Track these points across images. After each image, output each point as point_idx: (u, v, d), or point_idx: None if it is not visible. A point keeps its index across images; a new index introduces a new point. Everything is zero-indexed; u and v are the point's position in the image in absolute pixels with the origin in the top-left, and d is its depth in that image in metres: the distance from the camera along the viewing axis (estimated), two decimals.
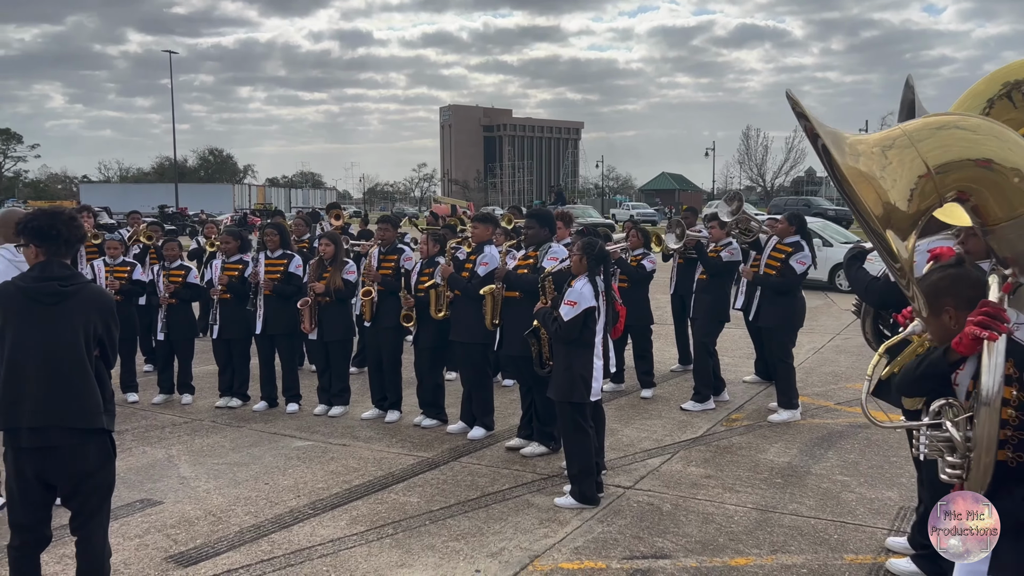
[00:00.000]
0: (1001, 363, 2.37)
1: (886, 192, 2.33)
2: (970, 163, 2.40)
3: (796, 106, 2.28)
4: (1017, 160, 2.40)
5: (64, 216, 3.51)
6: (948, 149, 2.40)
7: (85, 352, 3.39)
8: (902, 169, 2.35)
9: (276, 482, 5.61)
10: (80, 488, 3.43)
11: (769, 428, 6.81)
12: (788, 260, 7.11)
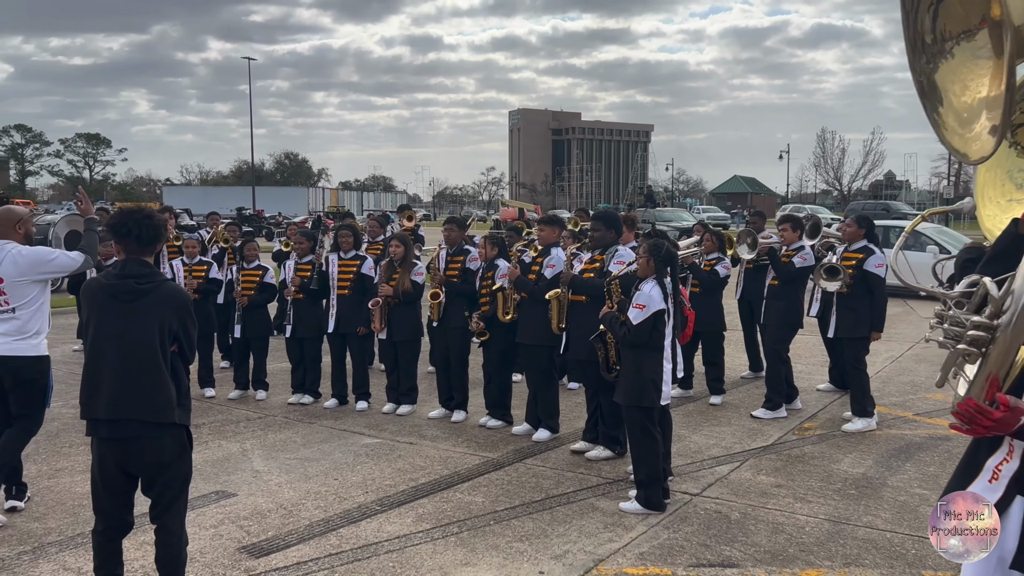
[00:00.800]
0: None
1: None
2: None
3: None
4: None
5: (139, 215, 3.63)
6: None
7: (160, 348, 3.51)
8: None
9: (345, 478, 5.71)
10: (158, 478, 3.56)
11: (843, 438, 6.61)
12: (862, 266, 6.85)
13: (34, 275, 4.82)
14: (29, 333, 4.82)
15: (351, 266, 7.67)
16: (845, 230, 7.24)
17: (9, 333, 4.77)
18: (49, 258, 4.86)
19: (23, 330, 4.80)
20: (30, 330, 4.82)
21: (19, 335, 4.79)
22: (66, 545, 4.56)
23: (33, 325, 4.83)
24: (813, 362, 9.43)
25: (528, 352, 6.65)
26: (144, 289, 3.53)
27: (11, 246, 4.83)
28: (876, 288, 6.84)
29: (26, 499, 5.17)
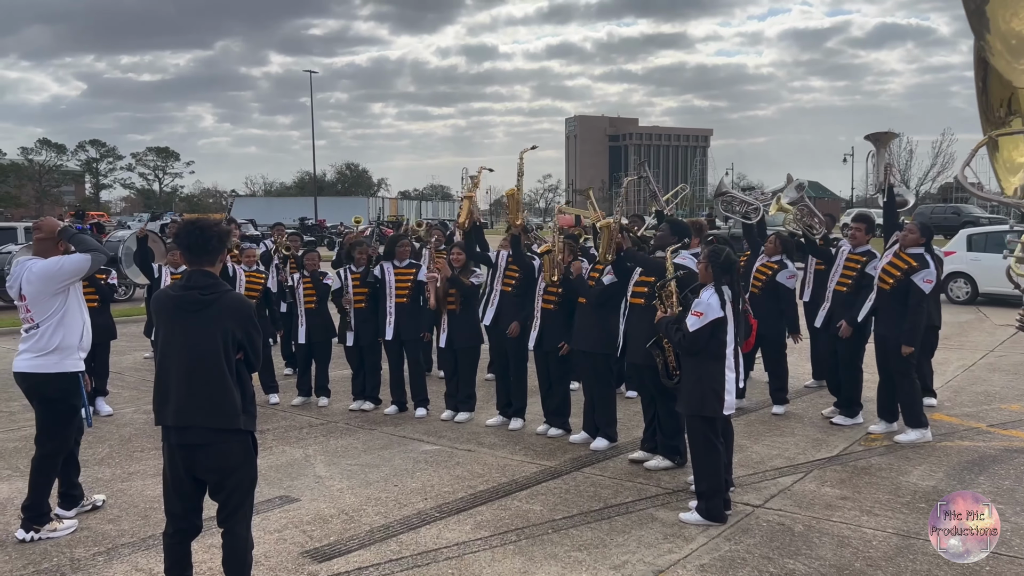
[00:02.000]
0: None
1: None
2: None
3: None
4: None
5: (191, 226, 3.74)
6: None
7: (224, 356, 3.61)
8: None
9: (404, 484, 5.78)
10: (224, 483, 3.66)
11: (912, 449, 6.41)
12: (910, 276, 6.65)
13: (50, 287, 4.78)
14: (49, 349, 4.77)
15: (408, 274, 7.77)
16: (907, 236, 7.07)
17: (32, 350, 4.79)
18: (56, 267, 4.78)
19: (45, 347, 4.77)
20: (51, 346, 4.77)
21: (41, 352, 4.78)
22: (138, 547, 4.72)
23: (54, 340, 4.78)
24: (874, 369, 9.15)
25: (585, 359, 6.63)
26: (208, 300, 3.63)
27: (30, 262, 4.85)
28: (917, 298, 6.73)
29: (81, 507, 5.17)
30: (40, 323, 4.79)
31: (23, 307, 4.86)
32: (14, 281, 4.87)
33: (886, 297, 6.71)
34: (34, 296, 4.79)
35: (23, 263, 4.89)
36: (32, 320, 4.82)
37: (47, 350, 4.78)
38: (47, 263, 4.83)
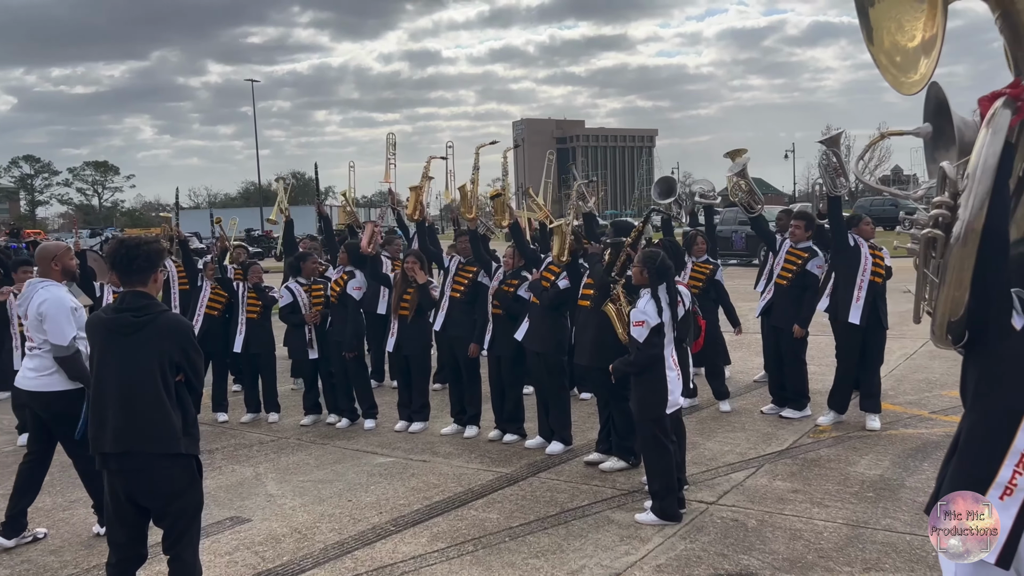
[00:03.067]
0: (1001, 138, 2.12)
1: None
2: None
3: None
4: None
5: (121, 246, 3.62)
6: None
7: (161, 379, 3.51)
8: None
9: (359, 499, 5.70)
10: (168, 509, 3.56)
11: (859, 440, 6.55)
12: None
13: (39, 327, 4.88)
14: (54, 369, 4.86)
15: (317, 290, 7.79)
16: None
17: (37, 368, 4.90)
18: (51, 319, 4.80)
19: (50, 365, 4.86)
20: (54, 366, 4.86)
21: (46, 371, 4.87)
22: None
23: (50, 362, 4.87)
24: (825, 363, 9.35)
25: (537, 359, 6.62)
26: (141, 322, 3.53)
27: (42, 289, 4.92)
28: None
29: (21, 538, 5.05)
30: (40, 345, 4.92)
31: (27, 326, 5.05)
32: (23, 300, 5.02)
33: (877, 288, 6.91)
34: (33, 325, 4.93)
35: (35, 285, 4.99)
36: (32, 340, 4.99)
37: (52, 369, 4.89)
38: (50, 312, 4.83)
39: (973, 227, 2.05)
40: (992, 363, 2.23)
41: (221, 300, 8.12)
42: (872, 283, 6.80)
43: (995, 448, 2.20)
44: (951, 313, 2.18)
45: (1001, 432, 2.20)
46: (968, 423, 2.30)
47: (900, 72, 2.26)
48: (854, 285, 6.78)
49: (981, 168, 2.04)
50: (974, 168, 2.06)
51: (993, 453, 2.21)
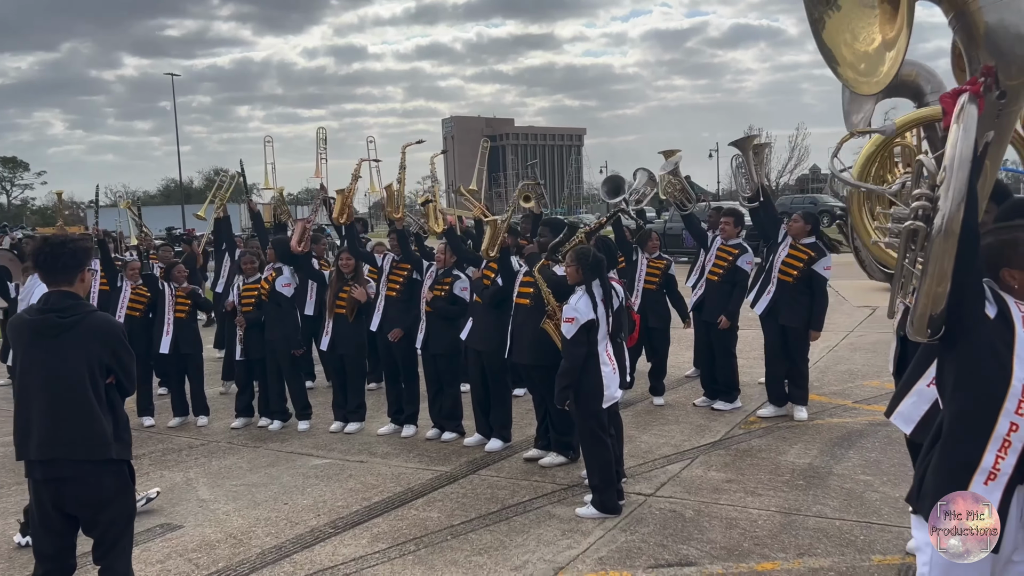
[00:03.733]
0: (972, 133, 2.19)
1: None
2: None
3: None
4: None
5: (48, 243, 3.47)
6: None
7: (90, 383, 3.37)
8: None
9: (295, 502, 5.59)
10: (98, 518, 3.43)
11: (788, 430, 6.75)
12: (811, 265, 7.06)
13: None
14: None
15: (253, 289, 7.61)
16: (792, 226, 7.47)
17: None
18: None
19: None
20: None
21: None
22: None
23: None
24: (752, 356, 9.61)
25: (478, 357, 6.61)
26: (68, 323, 3.38)
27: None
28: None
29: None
30: None
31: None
32: (25, 296, 5.18)
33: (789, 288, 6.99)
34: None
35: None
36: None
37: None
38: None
39: (954, 218, 2.12)
40: (970, 352, 2.32)
41: (143, 300, 7.85)
42: (781, 281, 6.99)
43: (978, 434, 2.29)
44: (933, 306, 2.23)
45: (983, 418, 2.29)
46: (949, 412, 2.37)
47: (866, 77, 2.33)
48: (769, 279, 7.02)
49: (958, 160, 2.11)
50: (950, 160, 2.12)
51: (976, 439, 2.29)
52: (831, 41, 2.34)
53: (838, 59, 2.33)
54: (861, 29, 2.35)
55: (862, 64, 2.33)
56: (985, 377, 2.31)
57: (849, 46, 2.34)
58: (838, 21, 2.43)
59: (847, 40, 2.35)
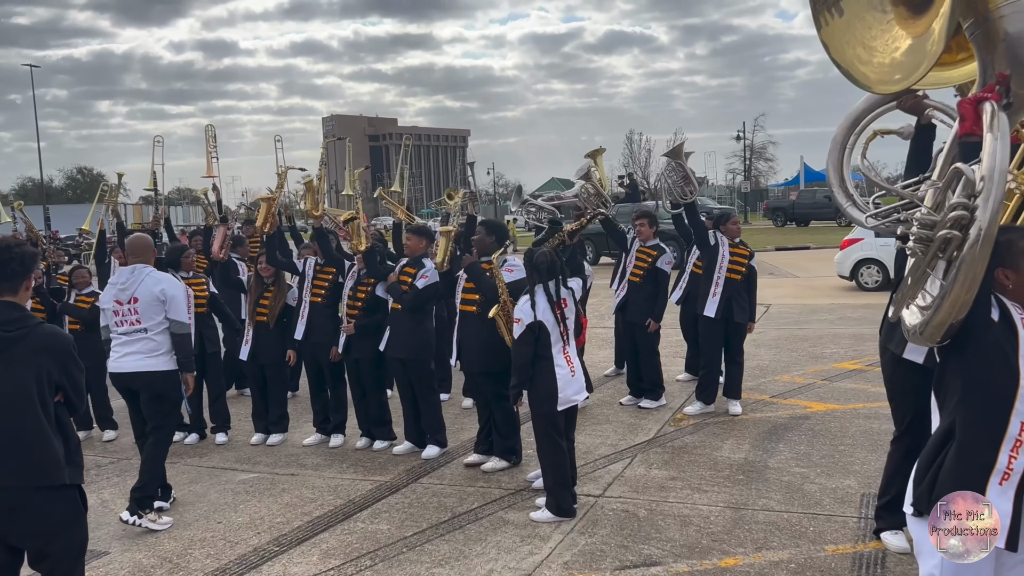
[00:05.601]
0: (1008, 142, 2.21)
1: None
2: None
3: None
4: None
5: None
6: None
7: (39, 401, 3.07)
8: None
9: (229, 520, 5.28)
10: (47, 550, 3.12)
11: (716, 425, 6.94)
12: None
13: (160, 309, 5.30)
14: (160, 352, 5.28)
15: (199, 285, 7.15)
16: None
17: (143, 352, 5.25)
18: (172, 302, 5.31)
19: (156, 349, 5.27)
20: (161, 349, 5.28)
21: (152, 353, 5.26)
22: None
23: (165, 345, 5.29)
24: (666, 353, 9.85)
25: (403, 366, 6.45)
26: (12, 337, 3.06)
27: (149, 269, 5.34)
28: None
29: (171, 500, 5.57)
30: (148, 328, 5.26)
31: (130, 310, 5.27)
32: (130, 284, 5.25)
33: (735, 285, 7.21)
34: (147, 302, 5.25)
35: (142, 270, 5.30)
36: (139, 323, 5.26)
37: (159, 352, 5.28)
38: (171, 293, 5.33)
39: (992, 226, 2.16)
40: (979, 355, 2.38)
41: (39, 312, 7.22)
42: (729, 280, 7.20)
43: (991, 435, 2.35)
44: (957, 313, 2.26)
45: (995, 420, 2.36)
46: (962, 415, 2.42)
47: (912, 77, 2.35)
48: (711, 281, 7.18)
49: (998, 170, 2.15)
50: (990, 171, 2.14)
51: (990, 441, 2.35)
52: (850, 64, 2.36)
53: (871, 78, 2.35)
54: (874, 38, 2.38)
55: (897, 75, 2.36)
56: (995, 379, 2.39)
57: (869, 64, 2.37)
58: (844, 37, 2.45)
59: (861, 58, 2.38)
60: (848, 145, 3.80)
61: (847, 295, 14.97)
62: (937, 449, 2.51)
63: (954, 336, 2.39)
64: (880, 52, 2.40)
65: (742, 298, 7.26)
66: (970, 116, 2.28)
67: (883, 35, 2.41)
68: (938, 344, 2.45)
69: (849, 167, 3.89)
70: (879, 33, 2.41)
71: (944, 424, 2.51)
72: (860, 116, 3.73)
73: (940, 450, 2.48)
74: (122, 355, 5.28)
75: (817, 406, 7.41)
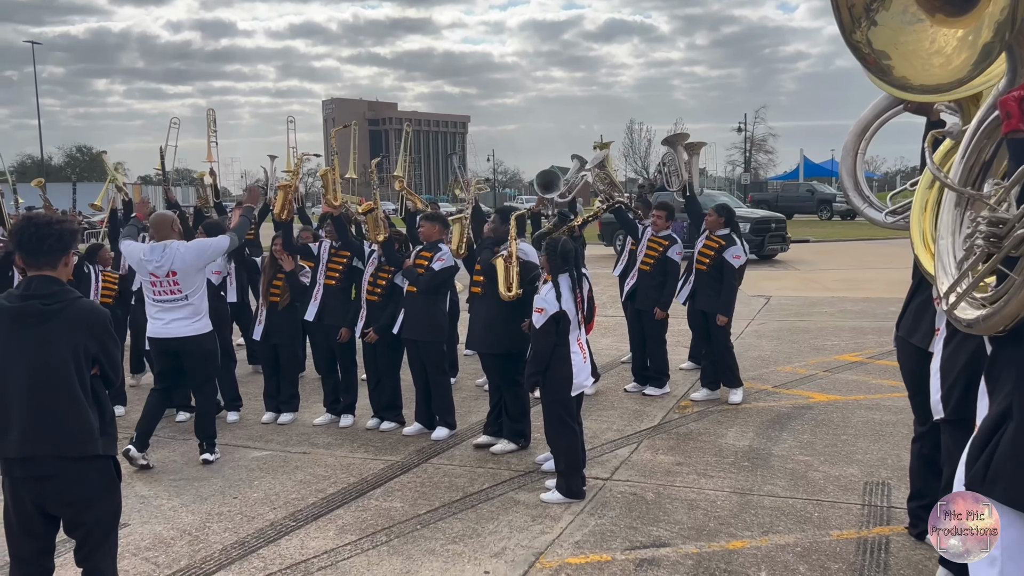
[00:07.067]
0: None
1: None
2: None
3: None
4: None
5: (31, 223, 3.24)
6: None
7: (76, 374, 3.16)
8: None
9: (245, 495, 5.38)
10: (82, 518, 3.21)
11: (721, 413, 7.06)
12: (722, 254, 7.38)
13: (200, 264, 5.86)
14: (201, 315, 5.87)
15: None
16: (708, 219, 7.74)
17: (187, 317, 5.80)
18: (207, 246, 5.93)
19: (196, 313, 5.84)
20: (201, 312, 5.87)
21: (194, 317, 5.83)
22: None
23: (203, 308, 5.89)
24: (672, 342, 9.96)
25: (416, 348, 6.55)
26: (52, 310, 3.14)
27: (175, 244, 5.79)
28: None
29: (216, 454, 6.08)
30: (189, 295, 5.79)
31: (169, 282, 5.75)
32: (164, 262, 5.70)
33: (703, 276, 7.36)
34: (184, 272, 5.75)
35: (170, 246, 5.77)
36: (180, 292, 5.76)
37: (199, 316, 5.86)
38: (199, 243, 6.00)
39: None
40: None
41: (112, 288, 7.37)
42: (697, 271, 7.45)
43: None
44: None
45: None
46: (1019, 398, 2.44)
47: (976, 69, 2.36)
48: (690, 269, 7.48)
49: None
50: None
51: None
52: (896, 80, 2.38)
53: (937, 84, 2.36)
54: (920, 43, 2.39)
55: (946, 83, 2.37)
56: None
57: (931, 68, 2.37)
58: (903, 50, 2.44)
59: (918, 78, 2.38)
60: (860, 151, 3.89)
61: (847, 288, 15.09)
62: (991, 432, 2.54)
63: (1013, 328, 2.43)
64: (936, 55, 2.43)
65: (712, 288, 7.44)
66: (1016, 113, 2.31)
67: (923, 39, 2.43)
68: (997, 336, 2.49)
69: (862, 171, 3.97)
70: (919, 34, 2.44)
71: (998, 409, 2.54)
72: (869, 122, 3.82)
73: (994, 433, 2.52)
74: (166, 322, 5.80)
75: (819, 396, 7.53)
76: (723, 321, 7.29)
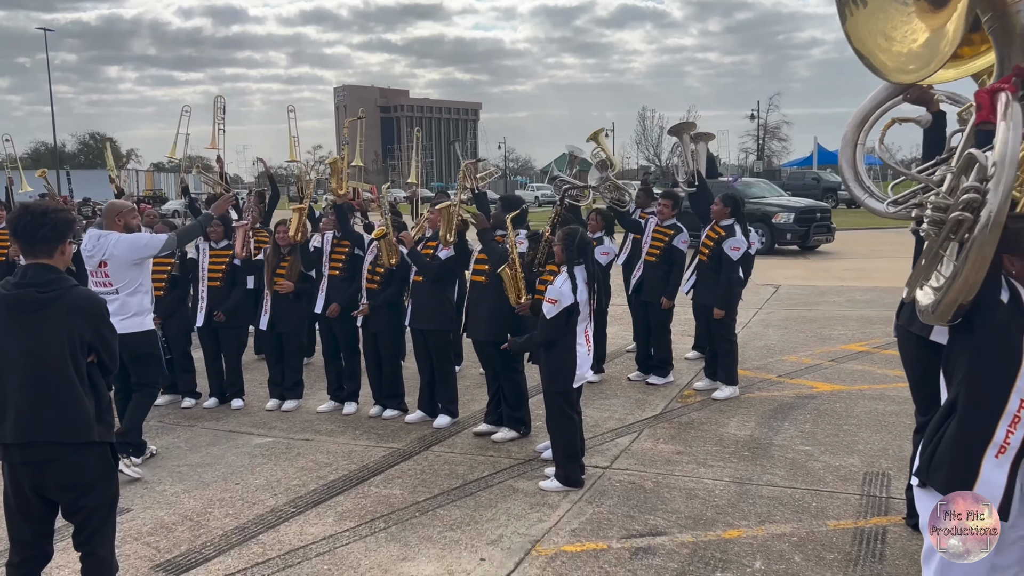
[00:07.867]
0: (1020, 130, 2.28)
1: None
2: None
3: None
4: None
5: (28, 211, 3.27)
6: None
7: (71, 361, 3.19)
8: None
9: (247, 481, 5.43)
10: (81, 502, 3.25)
11: (723, 403, 7.05)
12: (720, 244, 7.33)
13: (132, 258, 5.57)
14: (129, 313, 5.51)
15: (223, 256, 7.26)
16: (713, 209, 7.69)
17: (115, 313, 5.12)
18: (143, 242, 5.67)
19: (125, 309, 5.48)
20: (130, 310, 5.53)
21: (122, 314, 5.39)
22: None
23: (133, 305, 5.56)
24: (675, 332, 9.94)
25: (423, 337, 6.57)
26: (48, 298, 3.17)
27: (113, 235, 5.57)
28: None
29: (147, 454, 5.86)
30: (119, 289, 5.53)
31: (100, 273, 5.55)
32: (96, 251, 5.53)
33: (705, 267, 7.34)
34: (116, 265, 5.53)
35: (106, 236, 5.56)
36: (111, 285, 5.52)
37: (129, 313, 5.52)
38: (135, 237, 5.69)
39: (1002, 211, 2.25)
40: (986, 335, 2.48)
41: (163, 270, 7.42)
42: (699, 262, 7.43)
43: (991, 411, 2.47)
44: (967, 294, 2.35)
45: (995, 396, 2.46)
46: (965, 389, 2.54)
47: (925, 70, 2.42)
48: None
49: (1009, 157, 2.23)
50: (1001, 157, 2.23)
51: (990, 415, 2.46)
52: (870, 53, 2.42)
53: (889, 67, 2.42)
54: (894, 28, 2.44)
55: (911, 64, 2.42)
56: (998, 357, 2.50)
57: (887, 52, 2.43)
58: (865, 26, 2.50)
59: (882, 46, 2.44)
60: (859, 142, 3.87)
61: (857, 277, 15.01)
62: (940, 422, 2.62)
63: (964, 315, 2.49)
64: (899, 42, 2.47)
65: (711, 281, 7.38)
66: (986, 105, 2.35)
67: (903, 25, 2.48)
68: (948, 323, 2.54)
69: (863, 162, 3.96)
70: (900, 23, 2.48)
71: (949, 398, 2.62)
72: (868, 112, 3.80)
73: (943, 423, 2.59)
74: None
75: (823, 386, 7.51)
76: (719, 315, 7.24)
